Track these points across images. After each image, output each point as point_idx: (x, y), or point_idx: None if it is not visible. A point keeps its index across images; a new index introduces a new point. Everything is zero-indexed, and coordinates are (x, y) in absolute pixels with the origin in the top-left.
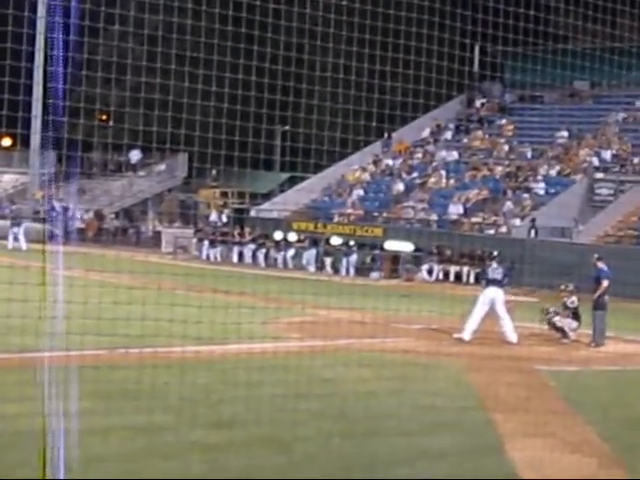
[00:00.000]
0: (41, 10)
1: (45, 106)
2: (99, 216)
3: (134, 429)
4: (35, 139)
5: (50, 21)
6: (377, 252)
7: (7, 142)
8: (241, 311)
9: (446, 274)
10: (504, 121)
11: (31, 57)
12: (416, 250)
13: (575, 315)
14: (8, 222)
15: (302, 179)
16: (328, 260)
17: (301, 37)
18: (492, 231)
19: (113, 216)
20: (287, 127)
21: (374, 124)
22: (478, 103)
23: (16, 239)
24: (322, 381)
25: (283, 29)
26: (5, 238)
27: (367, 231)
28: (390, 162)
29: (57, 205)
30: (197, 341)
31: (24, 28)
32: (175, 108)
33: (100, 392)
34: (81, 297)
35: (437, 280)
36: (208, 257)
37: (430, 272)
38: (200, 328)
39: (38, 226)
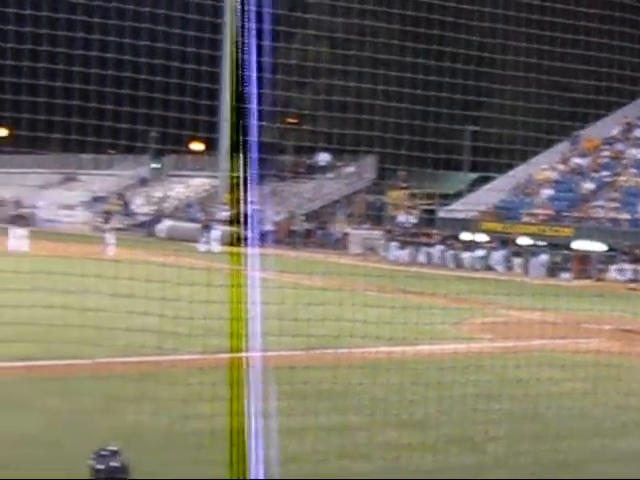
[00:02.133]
0: (229, 15)
1: (235, 110)
2: (290, 218)
3: (328, 429)
4: (224, 143)
5: (244, 26)
6: (567, 252)
7: (198, 147)
8: (433, 312)
9: (638, 274)
10: None
11: (217, 61)
12: (607, 250)
13: None
14: (199, 225)
15: (490, 179)
16: (517, 260)
17: (492, 36)
18: None
19: (303, 218)
20: (475, 127)
21: (563, 122)
22: None
23: (208, 242)
24: (514, 382)
25: (475, 29)
26: (197, 241)
27: (556, 231)
28: (579, 161)
29: (248, 208)
30: (390, 342)
31: (214, 34)
32: (365, 110)
33: (295, 392)
34: (276, 298)
35: (629, 280)
36: (397, 258)
37: (621, 272)
38: (392, 329)
39: (229, 229)
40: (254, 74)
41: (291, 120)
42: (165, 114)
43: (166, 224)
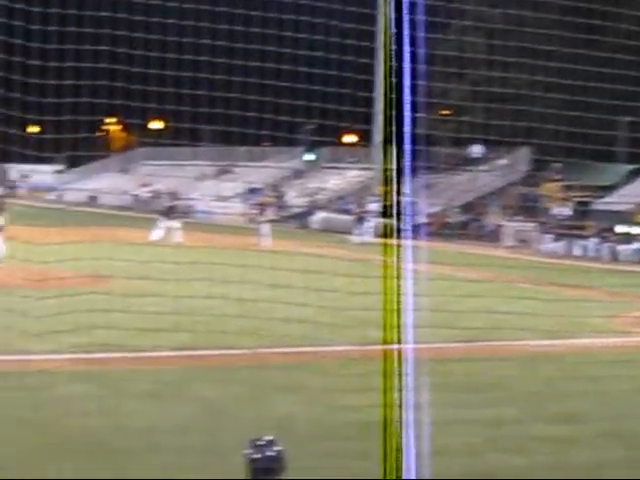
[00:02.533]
0: (382, 7)
1: (388, 102)
2: (444, 210)
3: (479, 422)
4: (378, 135)
5: (399, 17)
6: None
7: (351, 139)
8: (587, 305)
9: None
10: None
11: (372, 53)
12: None
13: None
14: (353, 217)
15: None
16: None
17: None
18: None
19: (458, 210)
20: (633, 118)
21: None
22: None
23: (362, 234)
24: None
25: (634, 19)
26: (350, 233)
27: None
28: None
29: (402, 200)
30: (542, 334)
31: (367, 25)
32: (517, 101)
33: (447, 384)
34: (430, 290)
35: None
36: (551, 251)
37: None
38: (545, 321)
39: (384, 221)
40: (407, 65)
41: (445, 112)
42: (322, 106)
43: (320, 216)
